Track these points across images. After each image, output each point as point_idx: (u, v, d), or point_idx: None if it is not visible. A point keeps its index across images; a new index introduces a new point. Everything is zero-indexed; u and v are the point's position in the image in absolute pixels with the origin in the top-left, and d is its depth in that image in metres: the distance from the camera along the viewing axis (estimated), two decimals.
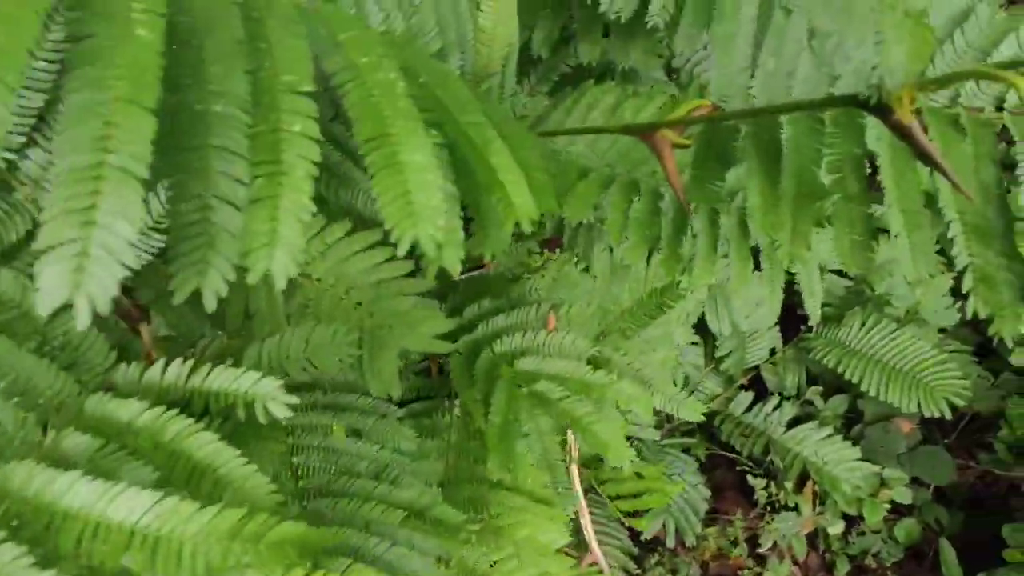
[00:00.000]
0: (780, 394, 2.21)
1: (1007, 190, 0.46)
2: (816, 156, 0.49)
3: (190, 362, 0.43)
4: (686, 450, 2.10)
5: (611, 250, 0.85)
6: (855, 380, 1.93)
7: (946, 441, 2.28)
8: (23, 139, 0.32)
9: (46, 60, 0.34)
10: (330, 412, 0.68)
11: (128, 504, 0.31)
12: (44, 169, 0.40)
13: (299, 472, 0.62)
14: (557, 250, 1.21)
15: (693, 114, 0.57)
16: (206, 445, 0.38)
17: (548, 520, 0.71)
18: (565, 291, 0.82)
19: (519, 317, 0.82)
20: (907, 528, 2.04)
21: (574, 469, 0.99)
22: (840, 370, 1.96)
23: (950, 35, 0.52)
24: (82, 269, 0.22)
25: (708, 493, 1.97)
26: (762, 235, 0.46)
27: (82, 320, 0.22)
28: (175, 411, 0.39)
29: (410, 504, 0.61)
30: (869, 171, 0.53)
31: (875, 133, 0.47)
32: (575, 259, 1.07)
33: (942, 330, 2.27)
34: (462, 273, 0.93)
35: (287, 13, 0.35)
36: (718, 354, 2.17)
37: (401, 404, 0.77)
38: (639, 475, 1.04)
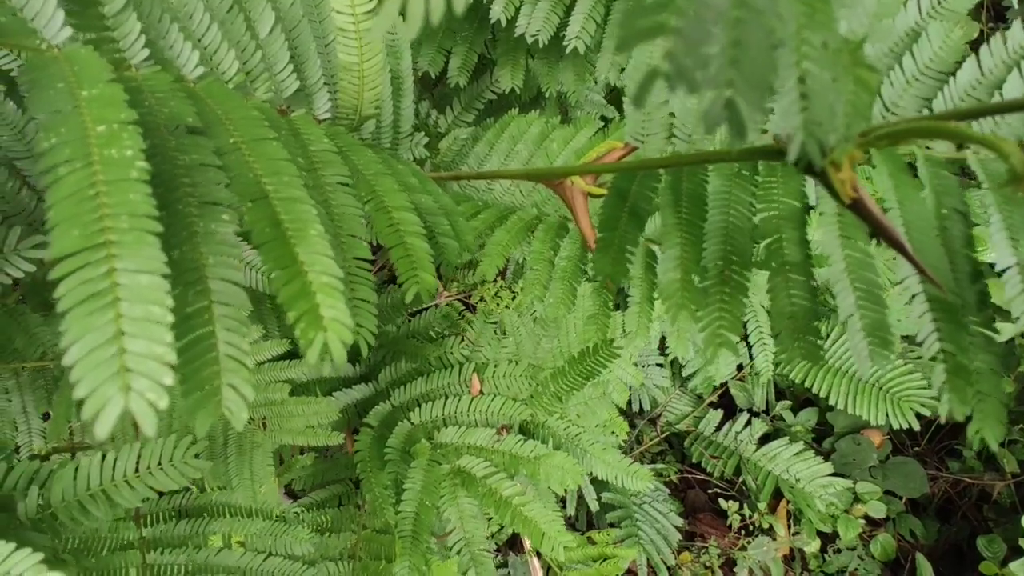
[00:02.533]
0: (750, 411, 2.13)
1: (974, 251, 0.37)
2: (748, 212, 0.39)
3: None
4: (658, 474, 2.01)
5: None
6: (823, 394, 1.86)
7: (916, 449, 2.22)
8: None
9: None
10: (203, 518, 0.56)
11: None
12: None
13: None
14: (499, 279, 1.10)
15: (604, 158, 0.47)
16: None
17: None
18: (491, 349, 0.71)
19: (440, 380, 0.71)
20: (883, 543, 1.97)
21: (527, 541, 0.88)
22: (808, 384, 1.89)
23: (899, 60, 0.43)
24: None
25: (681, 521, 1.88)
26: (682, 318, 0.36)
27: None
28: None
29: None
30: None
31: (814, 186, 0.37)
32: (519, 291, 0.96)
33: (906, 338, 2.22)
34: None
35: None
36: (685, 373, 2.08)
37: (302, 490, 0.66)
38: (590, 540, 0.94)
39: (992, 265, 0.37)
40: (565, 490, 1.19)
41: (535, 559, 0.81)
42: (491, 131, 0.79)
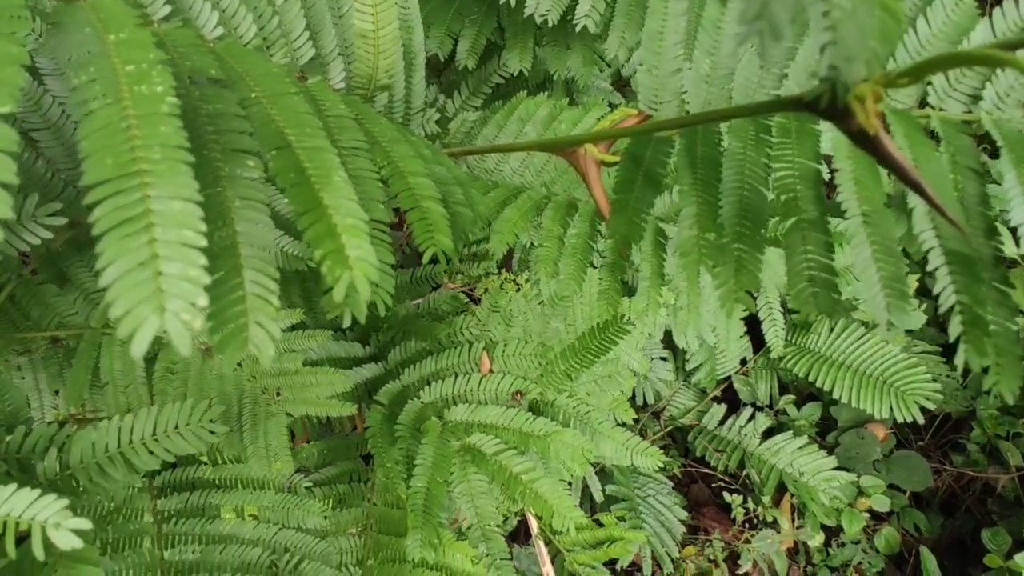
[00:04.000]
0: (753, 405, 2.13)
1: (992, 209, 0.37)
2: (763, 172, 0.39)
3: None
4: (662, 468, 2.01)
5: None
6: (826, 388, 1.85)
7: (920, 444, 2.22)
8: None
9: None
10: (217, 490, 0.56)
11: None
12: None
13: (172, 570, 0.50)
14: (503, 271, 1.10)
15: (618, 125, 0.47)
16: None
17: None
18: (500, 328, 0.71)
19: (450, 359, 0.71)
20: (887, 537, 1.97)
21: (532, 521, 0.88)
22: (811, 378, 1.89)
23: (912, 24, 0.43)
24: None
25: (685, 514, 1.87)
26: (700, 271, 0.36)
27: None
28: None
29: None
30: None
31: (830, 138, 0.38)
32: (524, 282, 0.96)
33: (910, 332, 2.22)
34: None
35: (15, 2, 0.24)
36: (688, 367, 2.08)
37: (314, 467, 0.66)
38: (598, 522, 0.94)
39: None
40: (570, 481, 1.19)
41: (541, 543, 0.81)
42: (500, 113, 0.79)
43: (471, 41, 0.84)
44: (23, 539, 0.32)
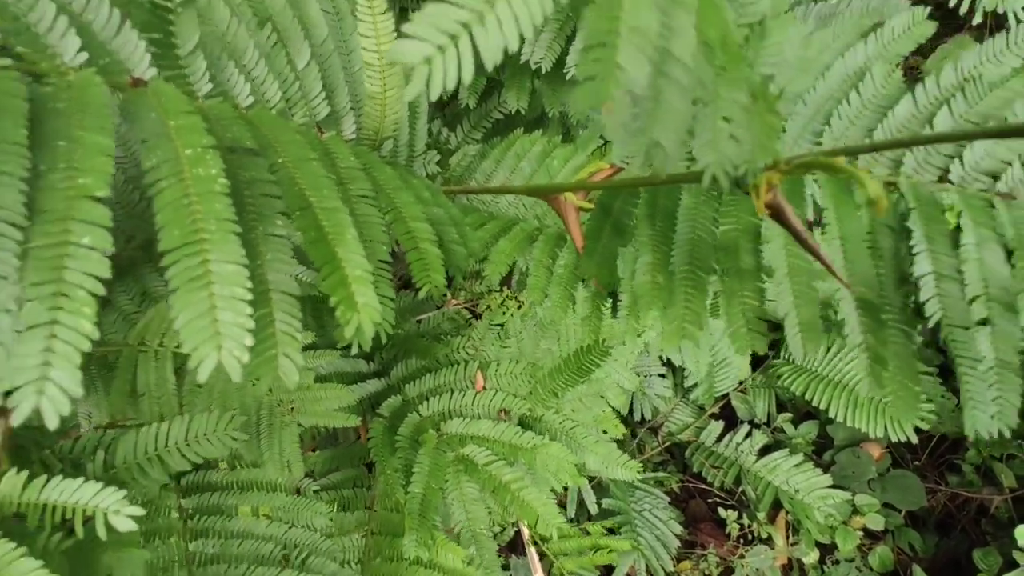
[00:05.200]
0: (751, 422, 2.18)
1: (906, 260, 0.44)
2: (711, 227, 0.47)
3: (23, 474, 0.39)
4: (659, 483, 2.05)
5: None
6: (823, 406, 1.90)
7: (916, 464, 2.26)
8: None
9: None
10: (235, 491, 0.63)
11: None
12: None
13: (195, 561, 0.58)
14: (505, 288, 1.18)
15: (592, 178, 0.54)
16: (30, 574, 0.34)
17: None
18: (494, 349, 0.78)
19: (447, 377, 0.79)
20: (881, 555, 2.01)
21: (524, 530, 0.95)
22: (808, 396, 1.94)
23: (846, 95, 0.50)
24: None
25: (680, 528, 1.92)
26: (647, 313, 0.43)
27: None
28: None
29: None
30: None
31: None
32: (518, 306, 1.03)
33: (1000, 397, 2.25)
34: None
35: (97, 102, 0.32)
36: (687, 384, 2.14)
37: (320, 474, 0.73)
38: (585, 531, 1.00)
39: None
40: (565, 489, 1.25)
41: (533, 549, 0.88)
42: (497, 148, 0.87)
43: (472, 81, 0.92)
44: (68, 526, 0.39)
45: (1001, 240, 0.43)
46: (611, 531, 1.17)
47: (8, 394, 0.25)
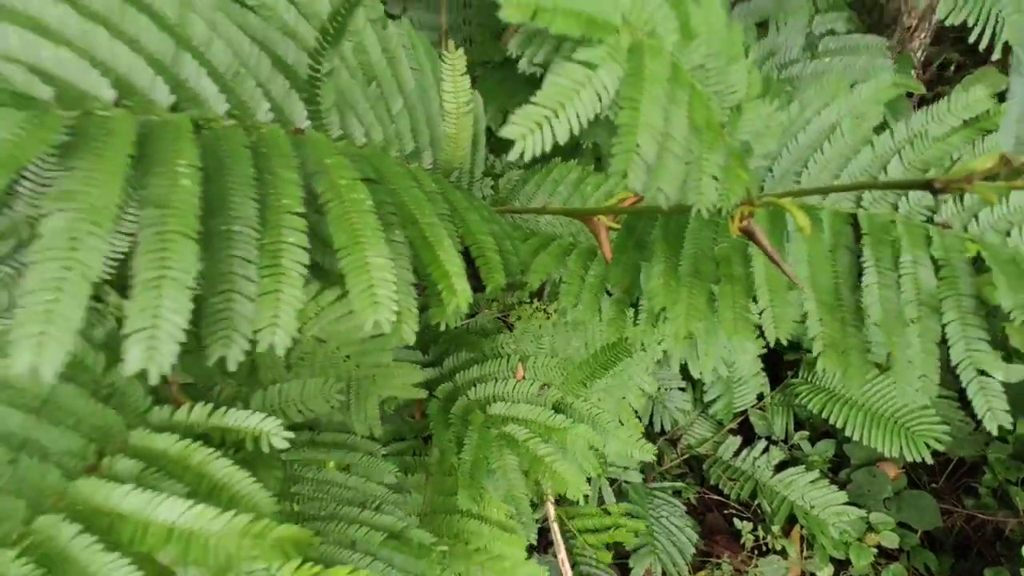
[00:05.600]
0: (768, 438, 2.28)
1: (859, 273, 0.59)
2: (710, 244, 0.62)
3: (209, 405, 0.55)
4: (677, 493, 2.17)
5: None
6: (839, 425, 2.00)
7: (933, 486, 2.33)
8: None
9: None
10: (324, 449, 0.80)
11: (167, 509, 0.43)
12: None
13: (296, 499, 0.74)
14: (535, 300, 1.34)
15: (620, 204, 0.70)
16: (223, 468, 0.50)
17: (509, 545, 0.81)
18: (532, 344, 0.94)
19: (492, 367, 0.95)
20: (894, 573, 2.09)
21: (550, 508, 1.10)
22: (825, 415, 2.04)
23: (820, 145, 0.66)
24: (154, 347, 0.35)
25: (696, 536, 2.03)
26: (660, 308, 0.58)
27: (131, 368, 0.35)
28: (199, 443, 0.51)
29: (390, 528, 0.73)
30: None
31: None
32: (552, 312, 1.19)
33: (924, 376, 2.33)
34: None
35: (284, 148, 0.49)
36: (706, 399, 2.26)
37: (386, 443, 0.89)
38: (606, 511, 1.14)
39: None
40: (588, 480, 1.39)
41: (556, 527, 1.02)
42: (538, 175, 1.03)
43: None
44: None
45: (933, 259, 0.58)
46: (629, 515, 1.31)
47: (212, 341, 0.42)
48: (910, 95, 2.77)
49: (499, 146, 1.15)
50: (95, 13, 0.42)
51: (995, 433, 0.52)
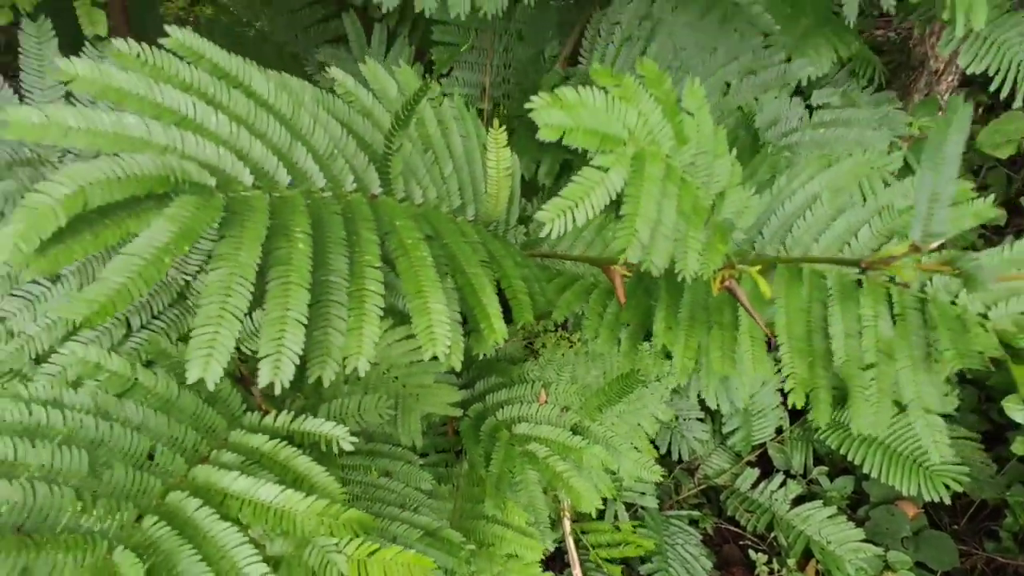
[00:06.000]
0: (786, 472, 2.36)
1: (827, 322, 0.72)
2: (704, 296, 0.76)
3: (291, 413, 0.70)
4: (693, 522, 2.26)
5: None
6: (858, 462, 2.08)
7: (954, 527, 2.37)
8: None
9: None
10: (371, 456, 0.95)
11: (265, 492, 0.58)
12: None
13: (349, 497, 0.89)
14: (559, 330, 1.47)
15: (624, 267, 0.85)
16: (305, 463, 0.65)
17: (528, 548, 0.95)
18: (555, 372, 1.08)
19: (518, 392, 1.09)
20: None
21: (567, 523, 1.23)
22: (843, 451, 2.12)
23: (803, 212, 0.79)
24: (279, 367, 0.50)
25: (710, 565, 2.11)
26: (662, 346, 0.72)
27: (262, 382, 0.50)
28: (284, 442, 0.66)
29: (426, 527, 0.87)
30: None
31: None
32: (577, 341, 1.33)
33: (946, 417, 2.39)
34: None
35: (365, 213, 0.65)
36: (724, 430, 2.35)
37: (423, 454, 1.04)
38: (618, 528, 1.26)
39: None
40: (604, 502, 1.51)
41: (571, 539, 1.15)
42: None
43: (548, 166, 1.25)
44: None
45: (891, 313, 0.71)
46: (645, 561, 1.42)
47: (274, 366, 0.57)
48: None
49: (530, 191, 1.30)
50: (239, 116, 0.58)
51: (937, 460, 0.64)
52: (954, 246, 1.03)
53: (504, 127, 0.82)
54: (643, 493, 1.95)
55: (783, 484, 2.30)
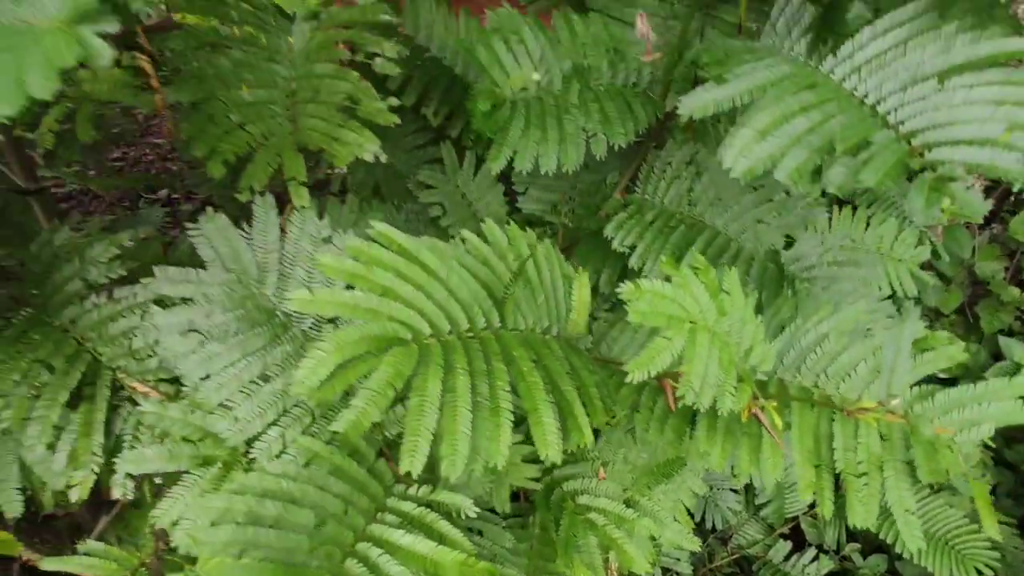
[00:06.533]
0: (819, 547, 2.55)
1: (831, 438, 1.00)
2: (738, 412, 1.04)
3: (429, 486, 1.00)
4: None
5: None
6: (890, 540, 2.27)
7: None
8: None
9: None
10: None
11: (422, 546, 0.87)
12: None
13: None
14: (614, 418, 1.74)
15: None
16: (446, 526, 0.94)
17: None
18: (611, 453, 1.36)
19: (581, 468, 1.38)
20: None
21: None
22: (876, 530, 2.31)
23: (815, 348, 1.08)
24: (453, 463, 0.80)
25: None
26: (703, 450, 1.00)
27: (452, 476, 0.80)
28: (426, 508, 0.95)
29: None
30: None
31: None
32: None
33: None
34: None
35: (494, 347, 0.95)
36: (758, 501, 2.57)
37: (505, 517, 1.33)
38: None
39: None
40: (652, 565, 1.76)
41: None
42: (621, 322, 1.48)
43: (608, 276, 1.56)
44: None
45: (880, 433, 0.98)
46: None
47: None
48: (968, 225, 3.11)
49: (592, 293, 1.61)
50: (419, 284, 0.90)
51: (912, 550, 0.90)
52: None
53: (587, 274, 1.14)
54: (678, 559, 2.17)
55: (815, 559, 2.50)
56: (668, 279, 0.90)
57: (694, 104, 1.06)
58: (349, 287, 0.85)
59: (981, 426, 0.96)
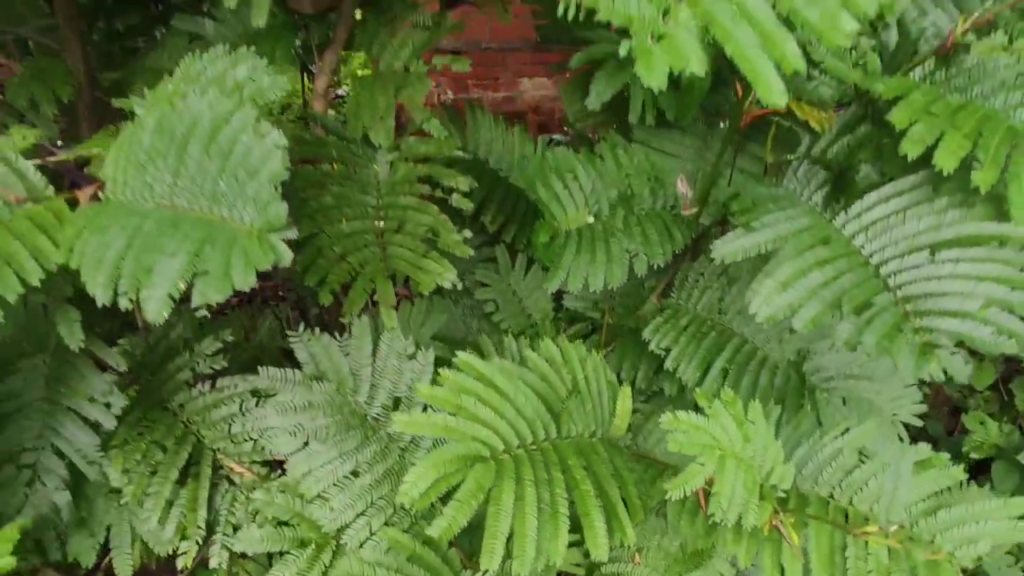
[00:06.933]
0: None
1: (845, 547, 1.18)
2: None
3: (490, 571, 1.20)
4: None
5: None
6: None
7: None
8: None
9: None
10: None
11: None
12: None
13: None
14: None
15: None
16: None
17: None
18: (645, 540, 1.55)
19: (618, 554, 1.56)
20: None
21: None
22: None
23: (830, 462, 1.27)
24: (523, 561, 1.00)
25: None
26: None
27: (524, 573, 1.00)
28: None
29: None
30: None
31: None
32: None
33: None
34: None
35: (554, 459, 1.16)
36: None
37: None
38: None
39: None
40: None
41: None
42: (653, 419, 1.68)
43: (644, 372, 1.77)
44: None
45: (888, 548, 1.16)
46: None
47: None
48: None
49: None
50: (494, 406, 1.12)
51: None
52: None
53: (629, 393, 1.35)
54: None
55: None
56: (699, 409, 1.11)
57: (726, 250, 1.28)
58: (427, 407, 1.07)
59: (978, 543, 1.14)
